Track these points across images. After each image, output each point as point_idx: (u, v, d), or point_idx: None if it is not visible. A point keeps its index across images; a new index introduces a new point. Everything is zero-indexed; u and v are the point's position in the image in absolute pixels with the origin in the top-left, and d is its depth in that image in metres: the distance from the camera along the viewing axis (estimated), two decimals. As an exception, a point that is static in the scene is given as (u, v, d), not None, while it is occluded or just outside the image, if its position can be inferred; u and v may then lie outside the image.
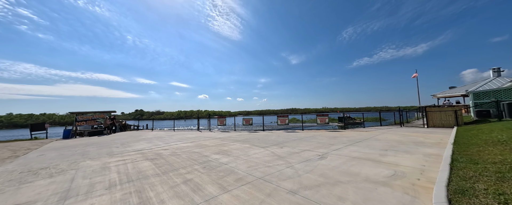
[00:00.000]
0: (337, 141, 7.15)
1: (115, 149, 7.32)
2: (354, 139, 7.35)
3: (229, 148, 6.62)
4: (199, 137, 10.19)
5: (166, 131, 15.65)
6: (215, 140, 8.91)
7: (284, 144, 6.97)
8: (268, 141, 7.73)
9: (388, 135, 8.30)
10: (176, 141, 8.91)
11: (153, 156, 5.80)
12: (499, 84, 17.59)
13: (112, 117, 15.98)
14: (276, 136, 9.29)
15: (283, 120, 11.95)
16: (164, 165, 4.62)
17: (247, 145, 7.11)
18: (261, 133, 11.33)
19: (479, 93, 12.41)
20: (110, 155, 6.23)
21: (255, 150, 6.04)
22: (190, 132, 14.08)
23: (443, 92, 22.43)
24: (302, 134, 9.99)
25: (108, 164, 4.95)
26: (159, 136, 11.54)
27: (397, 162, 3.96)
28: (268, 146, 6.57)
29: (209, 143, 7.88)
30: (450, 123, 11.09)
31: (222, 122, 13.33)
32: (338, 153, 5.07)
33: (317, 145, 6.44)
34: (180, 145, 7.66)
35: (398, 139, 7.08)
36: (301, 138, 8.23)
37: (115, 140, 10.38)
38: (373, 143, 6.28)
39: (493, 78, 19.70)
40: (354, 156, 4.65)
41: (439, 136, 7.56)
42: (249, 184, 3.13)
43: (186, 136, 11.22)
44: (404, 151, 4.98)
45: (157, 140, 9.82)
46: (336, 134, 9.21)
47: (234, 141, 8.15)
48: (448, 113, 11.16)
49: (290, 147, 6.29)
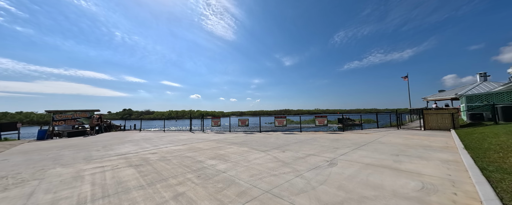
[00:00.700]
0: (340, 144, 6.75)
1: (94, 153, 6.47)
2: (358, 142, 6.99)
3: (226, 151, 6.00)
4: (192, 139, 9.46)
5: (155, 132, 14.68)
6: (209, 142, 8.24)
7: (285, 147, 6.46)
8: (268, 144, 7.20)
9: (390, 137, 8.04)
10: (166, 143, 8.15)
11: (138, 161, 5.07)
12: (486, 88, 18.24)
13: (98, 116, 14.69)
14: (275, 138, 8.77)
15: (281, 121, 11.49)
16: (150, 174, 3.94)
17: (245, 148, 6.53)
18: (258, 134, 10.77)
19: (472, 97, 12.65)
20: (88, 160, 5.41)
21: (255, 154, 5.48)
22: (182, 133, 13.25)
23: (433, 96, 23.07)
24: (301, 136, 9.55)
25: (82, 172, 4.19)
26: (148, 138, 10.66)
27: (417, 170, 3.55)
28: (268, 150, 6.03)
29: (203, 146, 7.21)
30: (446, 126, 11.14)
31: (217, 123, 12.63)
32: (347, 158, 4.62)
33: (321, 148, 5.98)
34: (170, 148, 6.94)
35: (402, 142, 6.80)
36: (302, 141, 7.77)
37: (96, 142, 9.41)
38: (380, 147, 5.92)
39: (480, 82, 20.47)
40: (366, 162, 4.21)
41: (441, 139, 7.38)
42: (255, 200, 2.57)
43: (178, 137, 10.43)
44: (417, 156, 4.62)
45: (145, 142, 8.98)
46: (337, 136, 8.85)
47: (230, 144, 7.53)
48: (445, 115, 11.19)
49: (292, 150, 5.79)
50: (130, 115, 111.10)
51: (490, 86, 18.59)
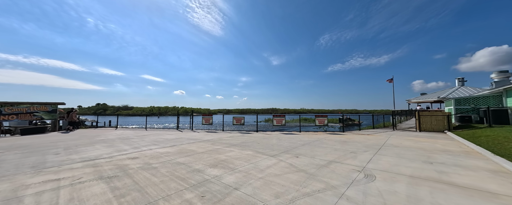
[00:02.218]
0: (353, 147, 6.10)
1: (51, 158, 4.94)
2: (369, 145, 6.41)
3: (227, 156, 4.94)
4: (181, 139, 8.15)
5: (135, 130, 12.89)
6: (203, 143, 7.06)
7: (294, 150, 5.60)
8: (273, 146, 6.28)
9: (397, 139, 7.64)
10: (150, 145, 6.78)
11: (112, 171, 3.79)
12: (464, 92, 19.47)
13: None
14: (277, 139, 7.89)
15: (280, 120, 10.66)
16: (130, 192, 2.76)
17: (248, 151, 5.52)
18: (255, 134, 9.81)
19: (460, 100, 13.14)
20: (38, 169, 3.96)
21: (265, 160, 4.51)
22: (168, 131, 11.74)
23: (417, 98, 24.29)
24: (303, 136, 8.81)
25: (23, 191, 2.84)
26: (126, 137, 9.06)
27: (479, 185, 2.91)
28: (278, 154, 5.10)
29: (197, 148, 6.04)
30: (439, 128, 11.30)
31: (208, 121, 11.35)
32: (379, 167, 3.90)
33: (337, 153, 5.24)
34: (156, 151, 5.65)
35: (416, 145, 6.38)
36: (309, 143, 7.00)
37: (58, 142, 7.63)
38: (400, 152, 5.36)
39: (458, 87, 21.90)
40: (407, 173, 3.51)
41: (447, 141, 7.16)
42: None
43: (164, 136, 9.01)
44: (453, 164, 4.07)
45: (122, 142, 7.47)
46: (342, 138, 8.27)
47: (229, 146, 6.46)
48: (439, 117, 11.35)
49: (306, 155, 4.95)
50: (105, 110, 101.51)
51: (468, 90, 19.94)
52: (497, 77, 13.65)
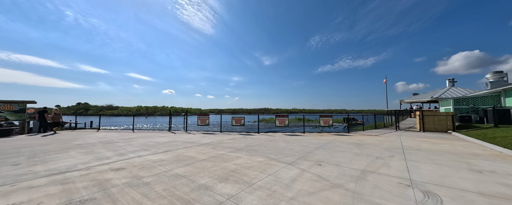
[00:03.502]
0: (373, 151, 5.48)
1: (6, 170, 3.79)
2: (387, 147, 5.84)
3: (236, 165, 4.07)
4: (176, 142, 7.12)
5: (121, 132, 11.56)
6: (202, 147, 6.11)
7: (311, 156, 4.86)
8: (284, 151, 5.49)
9: (412, 141, 7.18)
10: (139, 150, 5.72)
11: (87, 191, 2.79)
12: (455, 92, 19.93)
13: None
14: (285, 142, 7.12)
15: (283, 121, 9.91)
16: (111, 233, 1.83)
17: (259, 157, 4.69)
18: (258, 136, 8.97)
19: (459, 99, 13.20)
20: (-21, 190, 2.86)
21: (283, 170, 3.71)
22: (159, 133, 10.57)
23: (410, 98, 24.74)
24: (312, 138, 8.11)
25: None
26: (109, 140, 7.86)
27: None
28: (295, 162, 4.32)
29: (197, 154, 5.09)
30: (443, 127, 11.16)
31: (204, 121, 10.33)
32: (426, 178, 3.24)
33: (361, 158, 4.56)
34: (147, 159, 4.64)
35: (437, 148, 5.89)
36: (321, 146, 6.30)
37: (22, 148, 6.32)
38: (429, 156, 4.79)
39: (449, 87, 22.49)
40: (471, 189, 2.87)
41: (464, 143, 6.80)
42: None
43: (155, 139, 7.91)
44: (506, 173, 3.52)
45: (105, 147, 6.32)
46: (353, 139, 7.67)
47: (233, 150, 5.57)
48: (441, 117, 11.21)
49: (329, 162, 4.21)
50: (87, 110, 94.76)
51: (459, 91, 20.49)
52: (492, 78, 13.96)
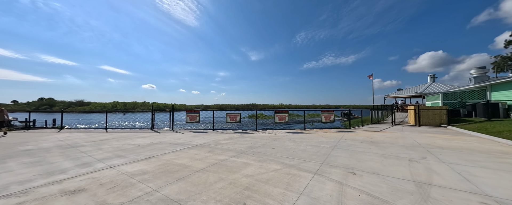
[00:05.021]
0: (394, 150, 4.85)
1: None
2: (404, 145, 5.28)
3: (247, 177, 3.05)
4: (162, 144, 5.81)
5: (90, 132, 9.74)
6: (196, 150, 4.93)
7: (333, 160, 4.03)
8: (296, 153, 4.59)
9: (419, 137, 6.80)
10: (111, 157, 4.37)
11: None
12: (437, 87, 20.97)
13: None
14: (291, 141, 6.25)
15: (282, 117, 9.04)
16: None
17: (272, 163, 3.71)
18: (257, 134, 7.99)
19: (448, 94, 13.60)
20: None
21: (315, 183, 2.79)
22: (140, 132, 9.02)
23: (395, 93, 25.70)
24: (317, 136, 7.37)
25: None
26: (72, 144, 6.25)
27: None
28: (320, 170, 3.44)
29: (191, 161, 3.94)
30: (435, 122, 11.30)
31: (194, 118, 9.00)
32: (506, 192, 2.57)
33: (392, 162, 3.85)
34: (120, 170, 3.38)
35: (454, 144, 5.49)
36: (335, 145, 5.54)
37: None
38: (462, 156, 4.27)
39: (431, 83, 23.67)
40: None
41: (472, 138, 6.59)
42: None
43: (134, 141, 6.48)
44: None
45: (62, 154, 4.81)
46: (361, 136, 7.09)
47: (236, 154, 4.51)
48: (435, 112, 11.33)
49: (363, 170, 3.41)
50: (51, 106, 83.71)
51: (439, 86, 21.63)
52: (476, 73, 14.71)
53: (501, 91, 11.40)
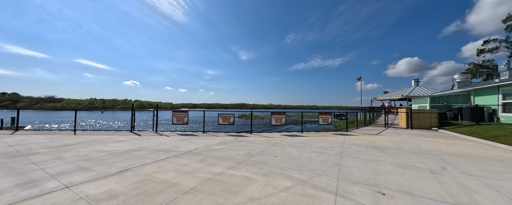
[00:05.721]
0: (407, 159, 4.46)
1: None
2: (417, 152, 4.94)
3: (253, 201, 2.33)
4: (141, 151, 4.85)
5: (53, 134, 8.32)
6: (184, 159, 4.09)
7: (349, 173, 3.48)
8: (303, 163, 3.97)
9: (427, 142, 6.58)
10: (73, 170, 3.38)
11: None
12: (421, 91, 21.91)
13: None
14: (293, 147, 5.63)
15: (279, 119, 8.42)
16: None
17: (282, 180, 3.04)
18: (252, 137, 7.28)
19: (435, 97, 14.03)
20: None
21: (345, 212, 2.16)
22: (116, 135, 7.85)
23: (382, 96, 26.53)
24: (319, 140, 6.85)
25: None
26: (23, 150, 5.03)
27: None
28: (342, 188, 2.84)
29: (177, 176, 3.12)
30: (426, 125, 11.49)
31: (182, 119, 8.00)
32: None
33: (415, 174, 3.40)
34: (79, 192, 2.47)
35: (459, 150, 5.27)
36: (341, 152, 5.03)
37: None
38: (483, 167, 3.95)
39: (415, 86, 24.72)
40: None
41: (471, 143, 6.53)
42: None
43: (107, 146, 5.41)
44: None
45: (4, 167, 3.69)
46: (364, 141, 6.71)
47: (233, 164, 3.76)
48: (425, 115, 11.52)
49: (390, 188, 2.87)
50: (15, 102, 74.16)
51: (423, 89, 22.64)
52: (459, 78, 15.45)
53: (484, 96, 11.93)
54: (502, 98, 10.39)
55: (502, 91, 10.40)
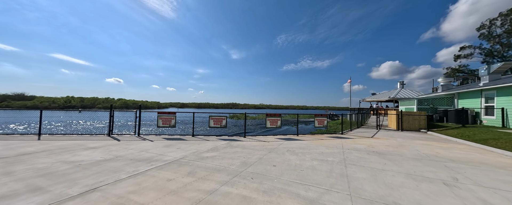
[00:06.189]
0: (413, 167, 4.21)
1: None
2: (419, 158, 4.74)
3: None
4: (117, 161, 4.10)
5: (11, 139, 7.15)
6: (169, 172, 3.45)
7: (360, 187, 3.09)
8: (307, 174, 3.53)
9: (423, 146, 6.49)
10: (19, 192, 2.62)
11: None
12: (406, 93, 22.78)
13: None
14: (291, 153, 5.19)
15: (274, 121, 7.97)
16: None
17: (289, 200, 2.56)
18: (248, 142, 6.73)
19: (422, 100, 14.49)
20: None
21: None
22: (90, 140, 6.91)
23: (370, 97, 27.29)
24: (317, 145, 6.49)
25: None
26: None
27: None
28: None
29: (157, 198, 2.50)
30: (415, 127, 11.72)
31: (168, 122, 7.20)
32: None
33: (434, 188, 3.10)
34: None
35: (463, 157, 5.18)
36: (343, 160, 4.68)
37: None
38: (494, 176, 3.79)
39: (400, 89, 25.70)
40: None
41: (464, 146, 6.56)
42: None
43: (76, 156, 4.56)
44: None
45: None
46: (362, 145, 6.47)
47: (228, 177, 3.21)
48: (415, 117, 11.76)
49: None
50: None
51: (409, 92, 23.58)
52: (443, 82, 16.19)
53: (467, 99, 12.48)
54: (485, 101, 10.89)
55: (485, 95, 10.89)
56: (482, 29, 32.87)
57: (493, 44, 31.73)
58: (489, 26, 31.66)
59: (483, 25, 32.58)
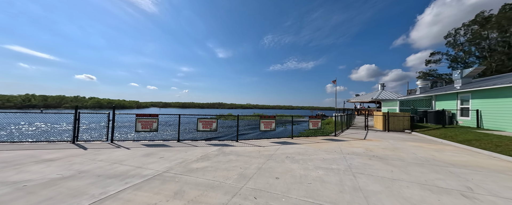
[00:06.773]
0: (423, 174, 4.01)
1: None
2: (420, 163, 4.61)
3: None
4: (79, 179, 3.19)
5: None
6: (147, 193, 2.70)
7: (382, 203, 2.70)
8: (317, 189, 3.06)
9: (418, 149, 6.49)
10: None
11: None
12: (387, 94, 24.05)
13: None
14: (292, 161, 4.71)
15: (269, 124, 7.44)
16: None
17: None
18: (241, 148, 6.09)
19: (403, 101, 15.22)
20: None
21: None
22: (46, 149, 5.68)
23: (355, 98, 28.39)
24: (315, 149, 6.11)
25: None
26: None
27: None
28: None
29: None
30: (399, 127, 12.18)
31: (149, 125, 6.17)
32: None
33: (453, 201, 2.84)
34: None
35: (458, 160, 5.20)
36: (349, 167, 4.33)
37: None
38: (503, 183, 3.70)
39: (381, 91, 27.10)
40: None
41: (452, 147, 6.76)
42: None
43: (20, 174, 3.50)
44: None
45: None
46: (360, 149, 6.26)
47: (225, 199, 2.60)
48: (400, 118, 12.22)
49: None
50: None
51: (389, 93, 24.95)
52: (421, 84, 17.30)
53: (443, 101, 13.36)
54: (460, 103, 11.70)
55: (461, 98, 11.71)
56: (448, 37, 36.32)
57: (457, 51, 35.27)
58: (454, 35, 35.15)
59: (449, 34, 36.01)
